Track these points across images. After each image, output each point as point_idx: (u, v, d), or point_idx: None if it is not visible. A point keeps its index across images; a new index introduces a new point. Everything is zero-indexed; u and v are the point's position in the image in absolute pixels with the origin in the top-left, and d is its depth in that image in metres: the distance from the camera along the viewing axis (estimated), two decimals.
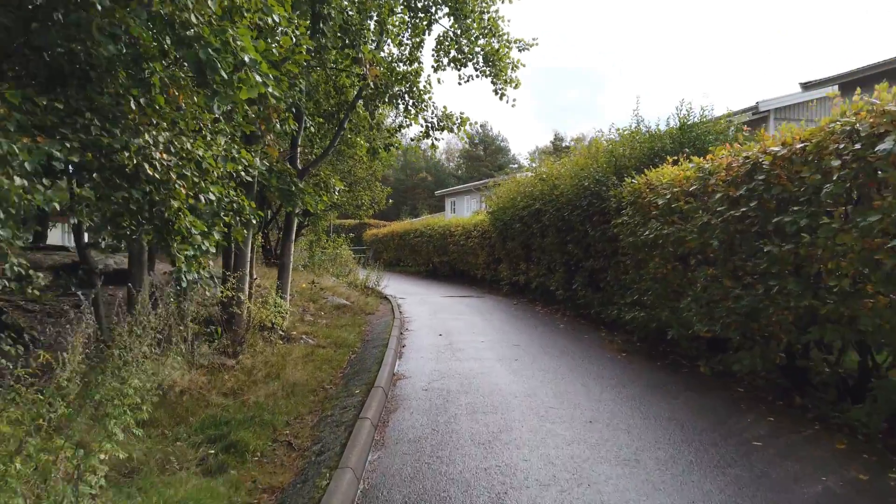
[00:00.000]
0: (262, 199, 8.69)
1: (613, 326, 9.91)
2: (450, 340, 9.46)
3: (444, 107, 9.82)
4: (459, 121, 9.83)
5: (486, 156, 60.73)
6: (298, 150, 9.24)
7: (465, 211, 37.82)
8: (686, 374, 7.02)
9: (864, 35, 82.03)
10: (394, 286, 19.05)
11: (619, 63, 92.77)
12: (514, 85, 10.28)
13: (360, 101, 9.59)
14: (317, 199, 9.06)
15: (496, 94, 10.07)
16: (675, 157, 8.11)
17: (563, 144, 50.94)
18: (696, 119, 9.80)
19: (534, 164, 13.15)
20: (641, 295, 8.16)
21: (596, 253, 10.22)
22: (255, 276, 8.85)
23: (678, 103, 9.67)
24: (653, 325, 7.94)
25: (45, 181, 3.91)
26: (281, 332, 8.84)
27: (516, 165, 45.37)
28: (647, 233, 7.58)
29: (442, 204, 46.33)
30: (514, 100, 9.61)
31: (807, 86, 17.21)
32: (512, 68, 10.12)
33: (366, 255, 29.87)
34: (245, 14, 4.59)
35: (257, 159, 6.72)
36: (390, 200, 17.86)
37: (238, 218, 6.13)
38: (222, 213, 5.51)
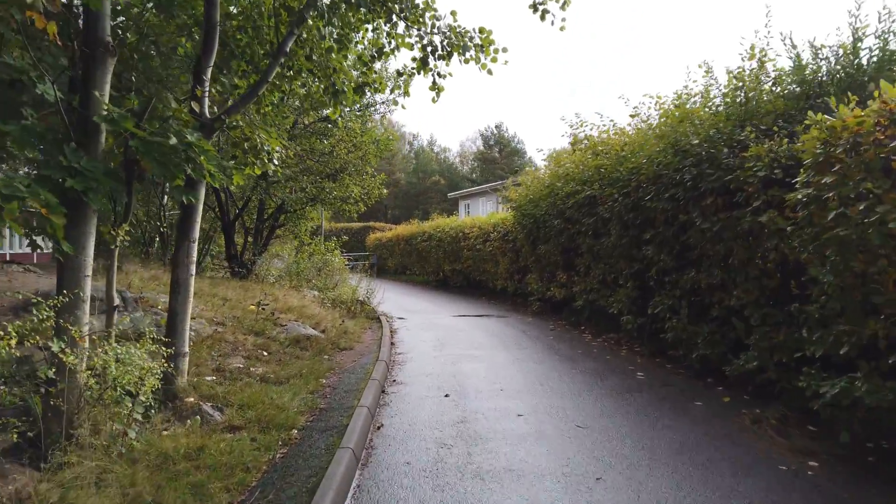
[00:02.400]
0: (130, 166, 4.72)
1: (742, 384, 5.73)
2: (463, 412, 5.34)
3: (454, 14, 5.69)
4: (479, 42, 5.71)
5: (501, 158, 56.54)
6: (208, 85, 5.27)
7: (481, 214, 33.71)
8: None
9: None
10: (394, 301, 14.96)
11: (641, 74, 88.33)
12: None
13: (314, 11, 5.54)
14: (228, 168, 5.02)
15: (534, 8, 5.87)
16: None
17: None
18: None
19: (579, 132, 8.97)
20: (856, 346, 3.96)
21: (706, 259, 6.04)
22: (116, 303, 4.82)
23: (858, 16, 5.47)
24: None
25: None
26: (162, 401, 4.82)
27: (533, 168, 41.28)
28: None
29: (455, 208, 42.28)
30: (563, 20, 5.40)
31: None
32: None
33: (369, 261, 25.87)
34: None
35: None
36: (384, 190, 13.77)
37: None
38: None
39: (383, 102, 12.60)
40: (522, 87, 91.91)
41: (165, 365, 4.72)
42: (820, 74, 5.57)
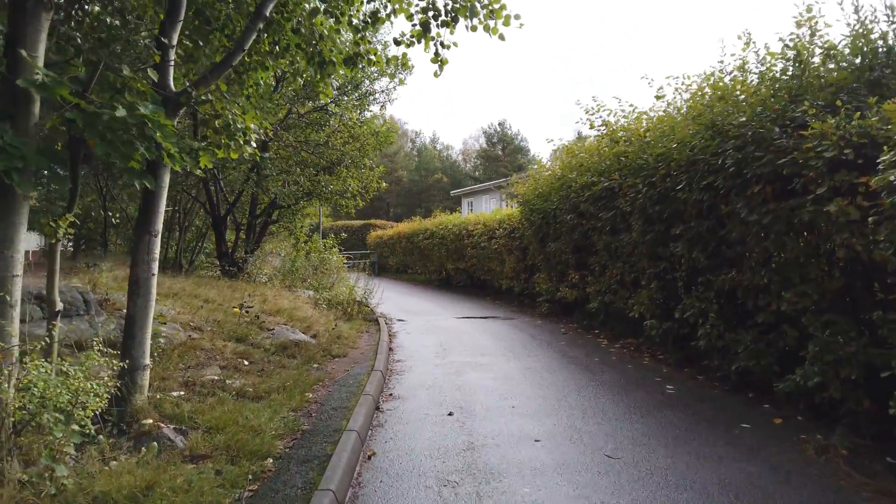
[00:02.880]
0: (76, 147, 3.92)
1: (792, 402, 4.91)
2: (470, 436, 4.53)
3: None
4: (488, 2, 4.87)
5: (504, 156, 55.70)
6: (172, 54, 4.47)
7: (484, 212, 32.89)
8: None
9: None
10: (394, 301, 14.17)
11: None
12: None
13: None
14: (193, 149, 4.23)
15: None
16: None
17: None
18: None
19: (598, 115, 8.14)
20: None
21: (750, 257, 5.23)
22: (58, 307, 4.03)
23: None
24: None
25: None
26: (115, 424, 4.06)
27: (536, 167, 40.37)
28: None
29: (458, 205, 41.46)
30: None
31: None
32: None
33: (369, 260, 25.09)
34: None
35: None
36: (384, 184, 12.95)
37: None
38: None
39: (382, 91, 11.84)
40: (525, 83, 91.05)
41: (114, 383, 3.93)
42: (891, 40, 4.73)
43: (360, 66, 5.28)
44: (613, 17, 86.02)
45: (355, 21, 5.24)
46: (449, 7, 4.89)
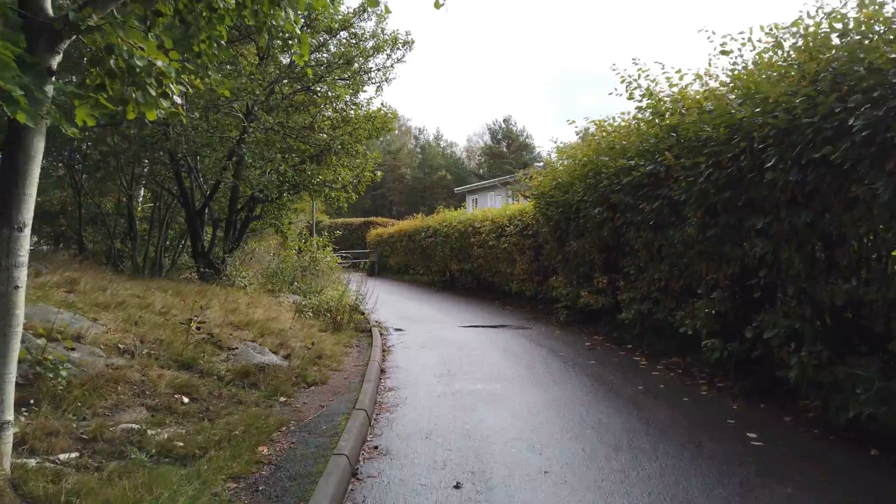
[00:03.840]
0: None
1: None
2: None
3: None
4: None
5: (509, 152, 54.02)
6: None
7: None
8: None
9: None
10: (392, 306, 12.64)
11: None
12: None
13: None
14: (59, 96, 2.71)
15: None
16: None
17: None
18: None
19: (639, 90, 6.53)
20: None
21: (882, 261, 3.67)
22: None
23: None
24: None
25: None
26: None
27: (541, 164, 38.53)
28: None
29: (462, 203, 39.92)
30: None
31: None
32: None
33: (369, 259, 23.58)
34: None
35: None
36: (378, 173, 11.37)
37: None
38: None
39: (378, 69, 10.31)
40: (528, 81, 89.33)
41: None
42: None
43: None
44: (615, 16, 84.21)
45: None
46: None
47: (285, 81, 9.78)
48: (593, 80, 79.16)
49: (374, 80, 10.57)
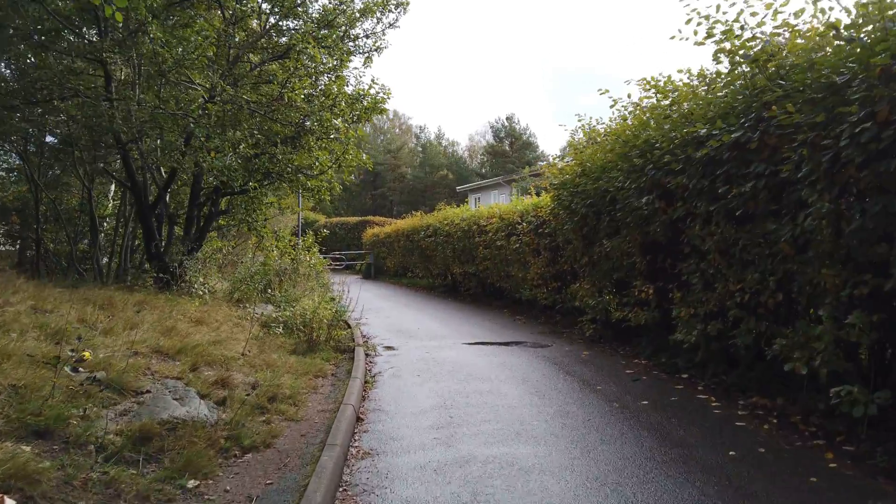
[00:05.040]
0: None
1: None
2: None
3: None
4: None
5: (512, 151, 52.11)
6: None
7: None
8: None
9: None
10: (386, 315, 10.82)
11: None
12: None
13: None
14: None
15: None
16: None
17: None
18: None
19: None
20: None
21: None
22: None
23: None
24: None
25: None
26: None
27: (543, 163, 36.56)
28: None
29: (465, 202, 38.06)
30: None
31: None
32: None
33: (364, 261, 21.74)
34: None
35: None
36: (366, 157, 9.45)
37: None
38: None
39: (367, 35, 8.46)
40: (528, 80, 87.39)
41: None
42: None
43: None
44: (616, 16, 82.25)
45: None
46: None
47: (253, 50, 7.92)
48: (593, 80, 77.06)
49: (362, 50, 8.72)
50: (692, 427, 4.35)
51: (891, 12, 3.26)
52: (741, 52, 4.36)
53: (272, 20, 8.64)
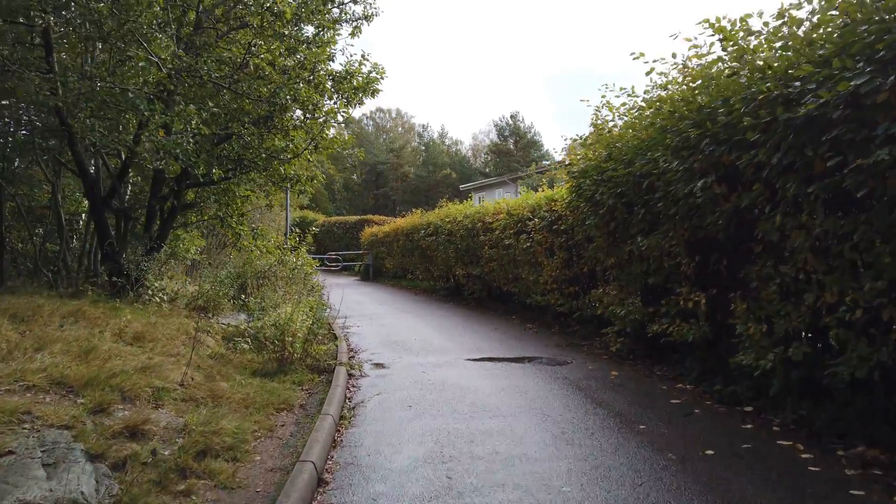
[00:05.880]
0: None
1: None
2: None
3: None
4: None
5: (516, 150, 50.70)
6: None
7: None
8: None
9: None
10: (381, 322, 9.54)
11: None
12: None
13: None
14: None
15: None
16: None
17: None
18: None
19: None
20: None
21: None
22: None
23: None
24: None
25: None
26: None
27: (548, 162, 34.98)
28: None
29: (468, 201, 36.70)
30: None
31: None
32: None
33: (362, 262, 20.46)
34: None
35: None
36: (347, 137, 8.11)
37: None
38: None
39: None
40: (528, 80, 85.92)
41: None
42: None
43: None
44: (616, 16, 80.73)
45: None
46: None
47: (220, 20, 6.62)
48: (592, 80, 75.40)
49: (349, 18, 7.41)
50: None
51: None
52: None
53: None
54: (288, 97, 6.01)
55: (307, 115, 6.27)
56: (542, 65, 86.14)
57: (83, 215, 11.40)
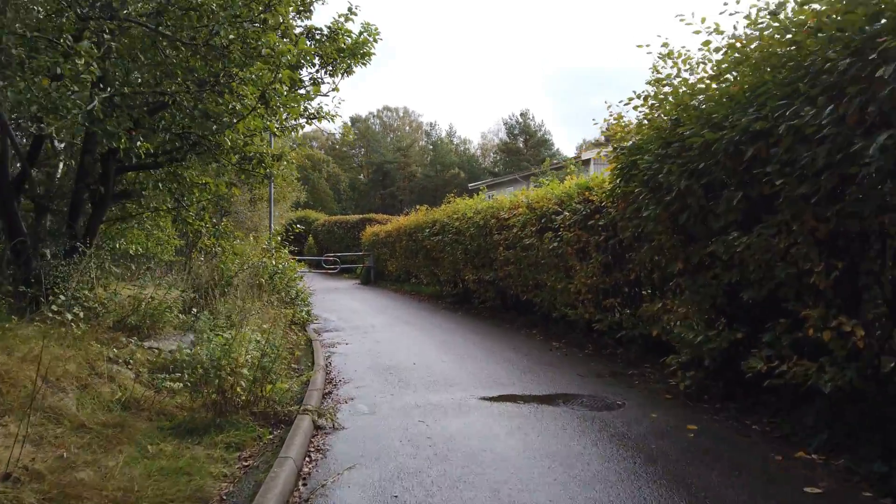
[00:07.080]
0: None
1: None
2: None
3: None
4: None
5: (526, 149, 48.83)
6: None
7: None
8: None
9: None
10: (375, 338, 7.80)
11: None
12: None
13: None
14: None
15: None
16: None
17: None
18: None
19: None
20: None
21: None
22: None
23: None
24: None
25: None
26: None
27: (557, 162, 32.81)
28: None
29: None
30: None
31: None
32: None
33: (363, 265, 18.72)
34: None
35: None
36: (333, 114, 6.33)
37: None
38: None
39: None
40: (530, 80, 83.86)
41: None
42: None
43: None
44: (616, 16, 78.55)
45: None
46: None
47: None
48: (600, 81, 73.13)
49: None
50: None
51: None
52: None
53: None
54: (231, 36, 4.25)
55: (257, 59, 4.51)
56: (547, 65, 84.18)
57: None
